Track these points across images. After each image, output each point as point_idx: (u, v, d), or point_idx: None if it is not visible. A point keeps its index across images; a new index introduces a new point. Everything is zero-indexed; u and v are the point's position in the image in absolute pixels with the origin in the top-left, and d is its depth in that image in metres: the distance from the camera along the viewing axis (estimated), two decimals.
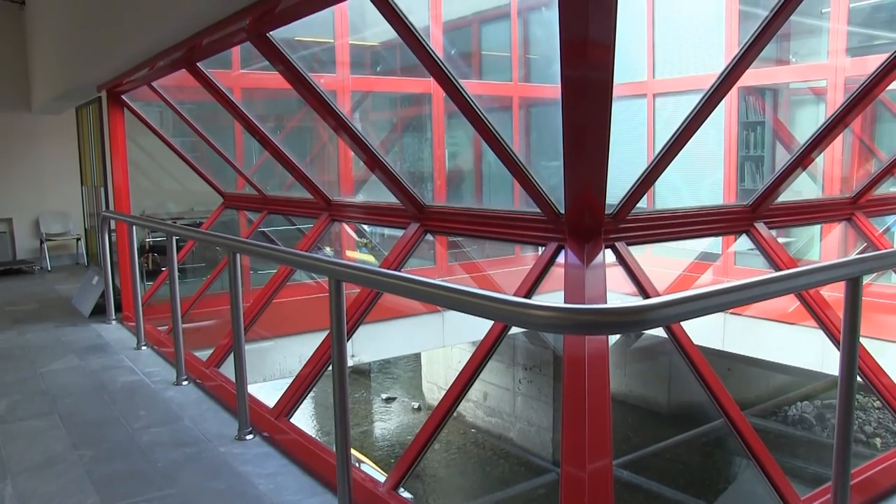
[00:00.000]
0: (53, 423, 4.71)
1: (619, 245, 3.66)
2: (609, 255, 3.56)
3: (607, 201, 3.29)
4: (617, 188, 3.42)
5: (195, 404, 4.99)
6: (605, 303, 3.04)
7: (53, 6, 8.70)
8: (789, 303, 6.90)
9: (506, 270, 8.88)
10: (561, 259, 3.55)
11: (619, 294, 4.25)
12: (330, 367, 3.54)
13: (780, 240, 4.53)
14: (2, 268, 11.49)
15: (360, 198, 7.35)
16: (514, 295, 2.45)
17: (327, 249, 8.84)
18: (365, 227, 9.06)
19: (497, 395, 11.41)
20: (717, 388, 3.54)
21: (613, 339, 9.44)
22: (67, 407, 5.02)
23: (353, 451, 3.37)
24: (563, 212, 3.52)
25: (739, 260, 8.37)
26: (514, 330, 4.49)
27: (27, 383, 5.60)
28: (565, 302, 3.15)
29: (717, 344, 8.00)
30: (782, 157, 8.82)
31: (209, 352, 5.74)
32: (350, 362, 3.70)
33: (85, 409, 4.98)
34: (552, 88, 9.44)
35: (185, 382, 5.42)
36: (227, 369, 5.03)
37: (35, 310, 8.56)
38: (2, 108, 11.62)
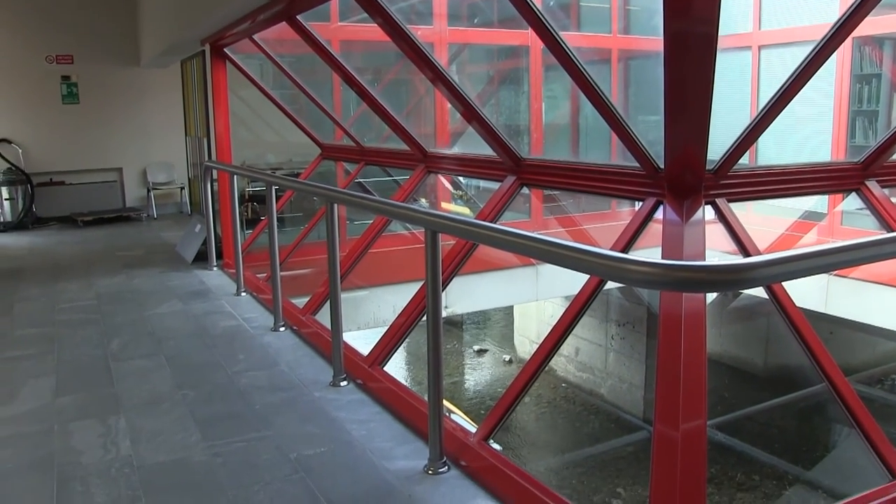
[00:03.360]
0: (159, 363, 4.91)
1: (719, 202, 3.55)
2: (709, 212, 3.45)
3: (708, 157, 3.19)
4: (718, 143, 3.31)
5: (291, 350, 5.12)
6: (704, 260, 2.97)
7: None
8: None
9: (602, 225, 8.75)
10: (659, 215, 3.47)
11: (718, 252, 4.14)
12: (424, 318, 3.59)
13: (895, 199, 4.30)
14: (113, 214, 12.00)
15: (456, 150, 7.32)
16: (611, 250, 2.40)
17: (423, 201, 8.87)
18: (461, 179, 9.04)
19: (589, 351, 11.35)
20: (818, 352, 3.42)
21: (710, 298, 9.25)
22: (172, 349, 5.22)
23: (444, 402, 3.40)
24: (662, 166, 3.44)
25: (847, 220, 8.01)
26: (609, 285, 4.43)
27: (136, 325, 5.84)
28: (663, 258, 3.08)
29: (819, 307, 7.73)
30: None
31: (306, 299, 5.86)
32: (443, 313, 3.73)
33: (188, 351, 5.17)
34: (653, 41, 9.19)
35: (282, 328, 5.56)
36: (323, 317, 5.13)
37: (142, 255, 8.89)
38: (115, 63, 12.05)
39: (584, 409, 10.89)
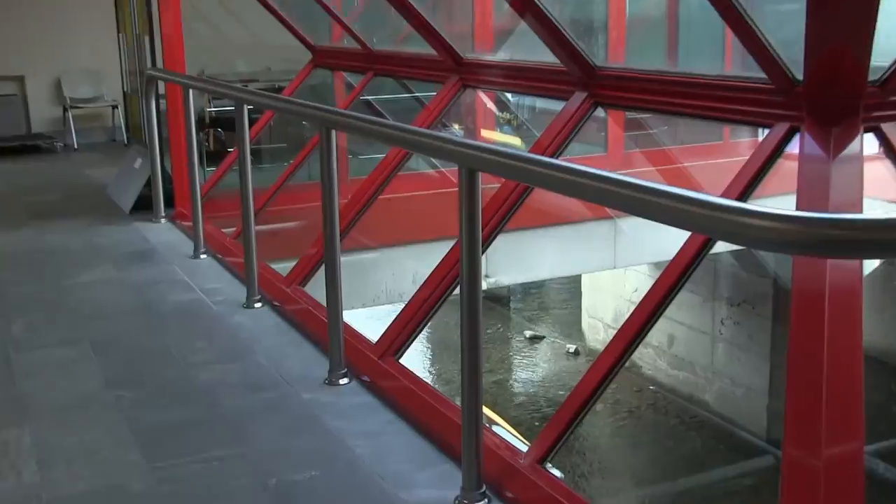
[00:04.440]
0: (83, 353, 4.92)
1: (886, 128, 3.50)
2: (870, 143, 3.40)
3: (872, 62, 3.13)
4: (888, 44, 3.25)
5: (272, 335, 5.14)
6: (861, 212, 2.93)
7: None
8: None
9: (709, 162, 8.70)
10: (794, 147, 3.44)
11: (881, 202, 4.07)
12: (456, 291, 3.58)
13: None
14: (13, 143, 11.83)
15: (502, 56, 7.28)
16: (723, 197, 2.38)
17: (456, 127, 8.85)
18: (509, 97, 9.00)
19: (688, 341, 11.33)
20: None
21: (868, 267, 9.14)
22: (101, 332, 5.23)
23: (484, 409, 3.39)
24: (800, 78, 3.40)
25: None
26: (718, 248, 4.40)
27: (49, 299, 5.87)
28: (799, 209, 3.04)
29: None
30: None
31: (291, 264, 5.88)
32: (484, 285, 3.68)
33: (124, 336, 5.19)
34: None
35: (258, 305, 5.58)
36: (316, 289, 5.15)
37: (59, 201, 8.93)
38: None
39: (681, 423, 10.90)
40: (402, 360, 4.50)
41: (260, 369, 4.65)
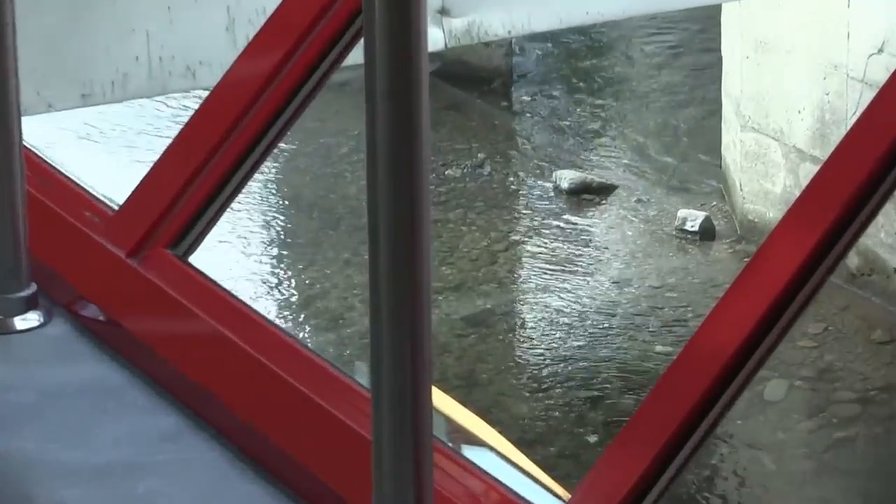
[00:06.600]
0: None
1: None
2: None
3: None
4: None
5: None
6: None
7: None
8: None
9: None
10: None
11: None
12: (353, 60, 3.46)
13: None
14: None
15: None
16: None
17: None
18: None
19: None
20: None
21: None
22: None
23: (436, 393, 2.99)
24: None
25: None
26: None
27: None
28: None
29: None
30: None
31: None
32: (436, 39, 3.94)
33: None
34: None
35: None
36: None
37: None
38: None
39: None
40: (193, 259, 3.90)
41: None
